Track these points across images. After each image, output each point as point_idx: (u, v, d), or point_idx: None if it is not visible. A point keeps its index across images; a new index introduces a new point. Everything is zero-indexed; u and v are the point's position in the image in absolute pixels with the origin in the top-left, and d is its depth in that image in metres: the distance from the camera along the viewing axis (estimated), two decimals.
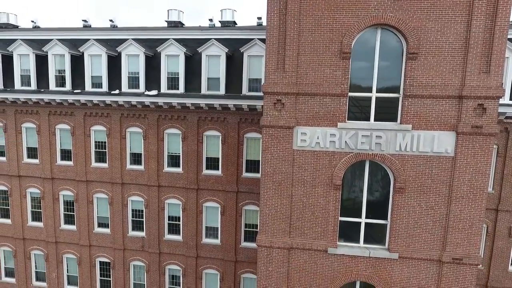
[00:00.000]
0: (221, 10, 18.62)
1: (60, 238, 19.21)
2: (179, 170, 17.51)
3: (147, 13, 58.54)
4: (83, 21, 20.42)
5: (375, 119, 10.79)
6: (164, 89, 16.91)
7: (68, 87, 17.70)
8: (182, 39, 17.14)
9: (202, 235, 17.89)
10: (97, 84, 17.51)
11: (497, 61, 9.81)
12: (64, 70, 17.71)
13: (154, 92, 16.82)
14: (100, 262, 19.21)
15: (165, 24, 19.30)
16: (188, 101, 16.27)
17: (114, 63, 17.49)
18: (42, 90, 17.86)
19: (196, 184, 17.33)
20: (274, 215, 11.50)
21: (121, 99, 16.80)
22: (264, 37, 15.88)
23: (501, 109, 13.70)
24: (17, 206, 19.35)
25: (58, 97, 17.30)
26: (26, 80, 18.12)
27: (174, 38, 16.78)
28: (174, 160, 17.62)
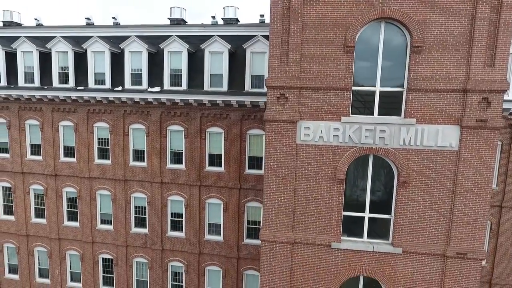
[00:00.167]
0: (224, 8, 18.60)
1: (63, 235, 19.26)
2: (182, 167, 17.52)
3: (147, 13, 58.74)
4: (86, 19, 20.45)
5: (379, 113, 10.75)
6: (167, 86, 16.93)
7: (71, 84, 17.75)
8: (185, 36, 17.17)
9: (205, 232, 17.88)
10: (100, 81, 17.56)
11: (502, 55, 9.77)
12: (68, 67, 17.77)
13: (157, 89, 16.85)
14: (103, 259, 19.25)
15: (167, 23, 19.30)
16: (191, 98, 16.28)
17: (117, 60, 17.54)
18: (46, 87, 17.93)
19: (199, 181, 17.34)
20: (278, 210, 11.48)
21: (124, 96, 16.83)
22: (267, 34, 15.90)
23: (506, 105, 13.64)
24: (21, 203, 19.42)
25: (62, 94, 17.35)
26: (30, 77, 18.19)
27: (177, 35, 16.81)
28: (177, 157, 17.64)
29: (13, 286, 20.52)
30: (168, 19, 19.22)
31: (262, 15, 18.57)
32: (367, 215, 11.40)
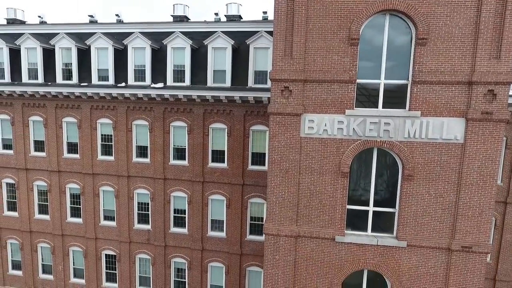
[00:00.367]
0: (227, 5, 18.61)
1: (67, 231, 19.28)
2: (185, 163, 17.52)
3: (148, 13, 58.95)
4: (89, 16, 20.48)
5: (384, 106, 10.71)
6: (170, 82, 16.94)
7: (75, 80, 17.79)
8: (188, 32, 17.19)
9: (208, 228, 17.87)
10: (104, 77, 17.59)
11: (508, 46, 9.71)
12: (71, 63, 17.81)
13: (160, 85, 16.86)
14: (106, 255, 19.25)
15: (170, 20, 19.32)
16: (194, 94, 16.29)
17: (121, 56, 17.57)
18: (49, 83, 17.97)
19: (202, 177, 17.32)
20: (281, 203, 11.45)
21: (128, 92, 16.85)
22: (270, 30, 15.89)
23: (511, 100, 13.54)
24: (24, 199, 19.46)
25: (65, 90, 17.39)
26: (33, 74, 18.25)
27: (180, 31, 16.83)
28: (180, 153, 17.63)
29: (17, 282, 20.56)
30: (171, 16, 19.24)
31: (265, 12, 18.54)
32: (371, 209, 11.35)
